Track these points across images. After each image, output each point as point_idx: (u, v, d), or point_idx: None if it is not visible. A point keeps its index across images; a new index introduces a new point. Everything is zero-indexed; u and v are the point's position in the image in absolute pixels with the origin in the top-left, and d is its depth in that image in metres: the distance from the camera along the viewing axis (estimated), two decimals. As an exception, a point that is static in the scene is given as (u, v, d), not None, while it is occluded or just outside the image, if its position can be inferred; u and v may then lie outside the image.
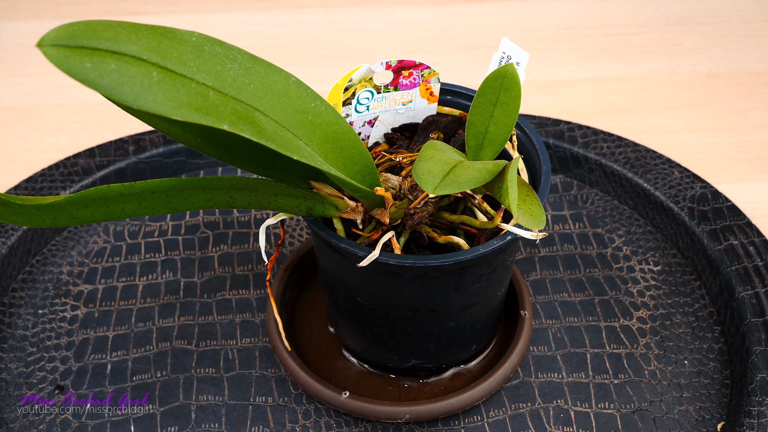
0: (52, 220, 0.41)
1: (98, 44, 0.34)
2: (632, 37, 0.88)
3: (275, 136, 0.39)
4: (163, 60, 0.36)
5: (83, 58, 0.33)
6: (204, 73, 0.38)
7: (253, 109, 0.40)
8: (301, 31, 0.89)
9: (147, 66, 0.35)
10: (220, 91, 0.38)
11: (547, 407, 0.55)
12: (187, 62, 0.37)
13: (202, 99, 0.36)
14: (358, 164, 0.46)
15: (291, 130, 0.42)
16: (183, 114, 0.34)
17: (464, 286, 0.48)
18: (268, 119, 0.40)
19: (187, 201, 0.42)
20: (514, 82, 0.45)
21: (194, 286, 0.62)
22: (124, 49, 0.34)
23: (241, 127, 0.36)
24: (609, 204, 0.68)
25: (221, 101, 0.37)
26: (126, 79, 0.33)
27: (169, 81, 0.35)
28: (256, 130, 0.37)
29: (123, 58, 0.34)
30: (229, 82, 0.39)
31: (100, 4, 0.92)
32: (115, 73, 0.33)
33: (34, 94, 0.81)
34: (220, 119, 0.35)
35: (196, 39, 0.39)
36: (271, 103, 0.41)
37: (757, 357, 0.55)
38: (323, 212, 0.46)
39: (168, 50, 0.36)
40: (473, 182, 0.41)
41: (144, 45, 0.35)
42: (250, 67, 0.41)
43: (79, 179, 0.68)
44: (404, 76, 0.51)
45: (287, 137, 0.41)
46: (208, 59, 0.38)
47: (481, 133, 0.47)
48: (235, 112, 0.37)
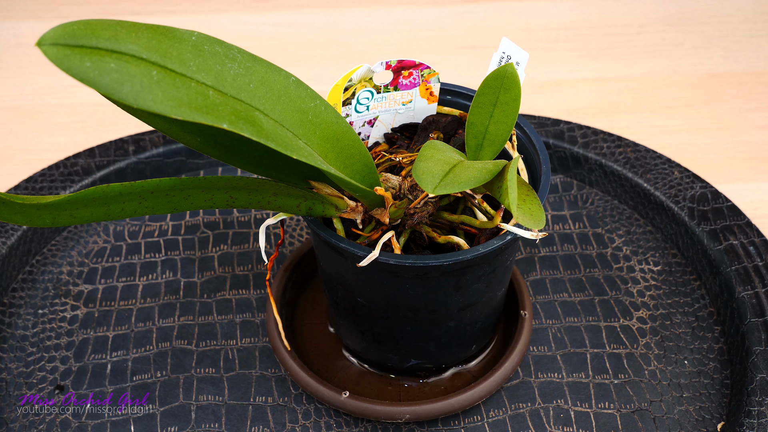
0: (51, 220, 0.41)
1: (98, 43, 0.34)
2: (632, 37, 0.88)
3: (275, 135, 0.39)
4: (162, 59, 0.36)
5: (83, 57, 0.33)
6: (204, 73, 0.38)
7: (252, 108, 0.40)
8: (301, 31, 0.89)
9: (147, 65, 0.35)
10: (220, 90, 0.38)
11: (547, 407, 0.55)
12: (186, 61, 0.37)
13: (202, 98, 0.36)
14: (357, 164, 0.46)
15: (291, 130, 0.42)
16: (183, 113, 0.34)
17: (464, 286, 0.48)
18: (267, 118, 0.40)
19: (187, 201, 0.42)
20: (514, 82, 0.45)
21: (194, 286, 0.62)
22: (124, 48, 0.34)
23: (241, 126, 0.36)
24: (609, 204, 0.68)
25: (221, 100, 0.37)
26: (126, 78, 0.33)
27: (169, 80, 0.35)
28: (255, 129, 0.37)
29: (123, 57, 0.34)
30: (228, 82, 0.39)
31: (100, 4, 0.92)
32: (115, 72, 0.33)
33: (34, 94, 0.81)
34: (220, 118, 0.35)
35: (196, 38, 0.39)
36: (271, 103, 0.41)
37: (757, 357, 0.55)
38: (323, 212, 0.46)
39: (168, 49, 0.36)
40: (473, 182, 0.41)
41: (144, 44, 0.35)
42: (249, 67, 0.41)
43: (79, 179, 0.68)
44: (404, 76, 0.51)
45: (287, 136, 0.41)
46: (208, 59, 0.39)
47: (480, 133, 0.47)
48: (235, 112, 0.37)
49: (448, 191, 0.40)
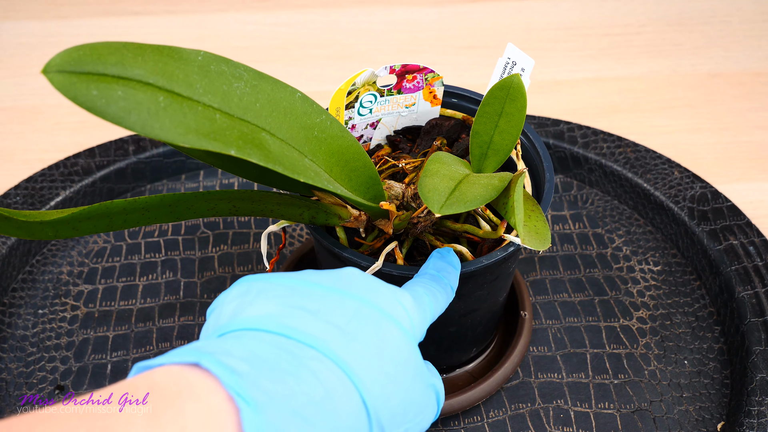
0: (54, 233, 0.40)
1: (104, 69, 0.33)
2: (632, 37, 0.88)
3: (282, 157, 0.38)
4: (169, 83, 0.35)
5: (89, 84, 0.33)
6: (210, 95, 0.37)
7: (259, 129, 0.39)
8: (301, 31, 0.89)
9: (153, 91, 0.34)
10: (227, 112, 0.38)
11: (547, 407, 0.55)
12: (193, 84, 0.37)
13: (209, 123, 0.36)
14: (362, 176, 0.46)
15: (297, 148, 0.42)
16: (190, 141, 0.34)
17: (466, 294, 0.48)
18: (274, 139, 0.40)
19: (190, 210, 0.42)
20: (520, 93, 0.45)
21: (194, 286, 0.62)
22: (131, 73, 0.34)
23: (249, 151, 0.36)
24: (609, 204, 0.68)
25: (228, 124, 0.37)
26: (133, 106, 0.33)
27: (176, 106, 0.35)
28: (263, 154, 0.37)
29: (129, 83, 0.34)
30: (235, 102, 0.39)
31: (100, 4, 0.92)
32: (122, 100, 0.33)
33: (34, 94, 0.81)
34: (227, 144, 0.35)
35: (202, 58, 0.38)
36: (278, 121, 0.41)
37: (757, 357, 0.55)
38: (326, 221, 0.46)
39: (174, 72, 0.36)
40: (479, 200, 0.41)
41: (150, 68, 0.35)
42: (256, 85, 0.40)
43: (79, 179, 0.68)
44: (408, 80, 0.51)
45: (293, 157, 0.40)
46: (215, 79, 0.38)
47: (485, 143, 0.47)
48: (242, 135, 0.37)
49: (454, 211, 0.40)
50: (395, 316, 0.37)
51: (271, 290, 0.36)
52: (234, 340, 0.33)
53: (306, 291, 0.36)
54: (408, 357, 0.36)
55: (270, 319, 0.34)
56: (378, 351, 0.35)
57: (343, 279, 0.38)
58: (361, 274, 0.39)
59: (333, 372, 0.33)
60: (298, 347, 0.33)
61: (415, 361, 0.37)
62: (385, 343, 0.35)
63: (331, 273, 0.38)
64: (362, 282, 0.38)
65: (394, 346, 0.36)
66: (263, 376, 0.31)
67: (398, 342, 0.36)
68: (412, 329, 0.38)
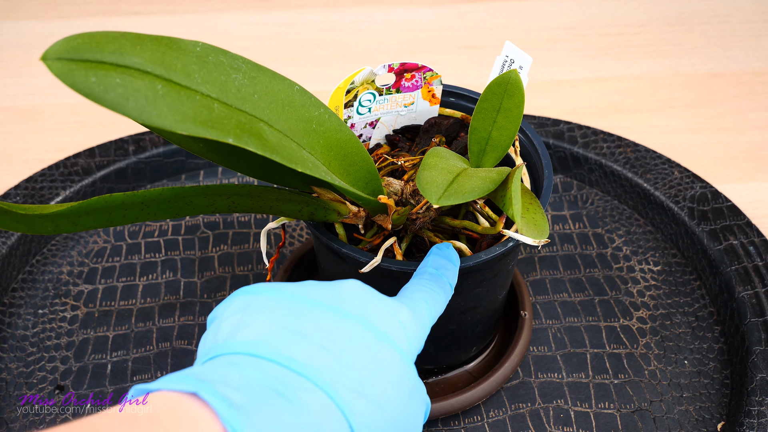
0: (54, 228, 0.40)
1: (102, 57, 0.33)
2: (632, 37, 0.88)
3: (279, 147, 0.38)
4: (167, 72, 0.35)
5: (88, 72, 0.33)
6: (208, 85, 0.37)
7: (257, 119, 0.39)
8: (301, 31, 0.89)
9: (151, 79, 0.34)
10: (225, 102, 0.38)
11: (547, 407, 0.55)
12: (191, 74, 0.37)
13: (207, 112, 0.36)
14: (361, 171, 0.45)
15: (295, 140, 0.42)
16: (187, 128, 0.34)
17: (465, 291, 0.48)
18: (272, 129, 0.40)
19: (189, 206, 0.42)
20: (518, 89, 0.45)
21: (194, 286, 0.62)
22: (129, 61, 0.34)
23: (246, 140, 0.36)
24: (609, 204, 0.68)
25: (225, 113, 0.37)
26: (130, 93, 0.33)
27: (174, 94, 0.35)
28: (260, 143, 0.37)
29: (128, 71, 0.34)
30: (233, 93, 0.39)
31: (100, 4, 0.92)
32: (120, 87, 0.33)
33: (34, 94, 0.81)
34: (225, 133, 0.35)
35: (201, 49, 0.38)
36: (276, 113, 0.41)
37: (757, 357, 0.55)
38: (325, 217, 0.46)
39: (172, 61, 0.36)
40: (477, 192, 0.41)
41: (148, 57, 0.35)
42: (254, 77, 0.41)
43: (79, 179, 0.68)
44: (407, 79, 0.51)
45: (291, 148, 0.40)
46: (213, 70, 0.38)
47: (484, 139, 0.47)
48: (240, 125, 0.37)
49: (452, 202, 0.40)
50: (392, 336, 0.37)
51: (270, 309, 0.37)
52: (231, 368, 0.34)
53: (305, 311, 0.37)
54: (402, 378, 0.37)
55: (266, 345, 0.35)
56: (371, 378, 0.35)
57: (342, 294, 0.38)
58: (361, 288, 0.39)
59: (324, 404, 0.34)
60: (291, 377, 0.34)
61: (410, 381, 0.37)
62: (380, 368, 0.36)
63: (332, 287, 0.38)
64: (362, 299, 0.38)
65: (388, 370, 0.36)
66: (257, 412, 0.32)
67: (393, 365, 0.36)
68: (408, 347, 0.38)
